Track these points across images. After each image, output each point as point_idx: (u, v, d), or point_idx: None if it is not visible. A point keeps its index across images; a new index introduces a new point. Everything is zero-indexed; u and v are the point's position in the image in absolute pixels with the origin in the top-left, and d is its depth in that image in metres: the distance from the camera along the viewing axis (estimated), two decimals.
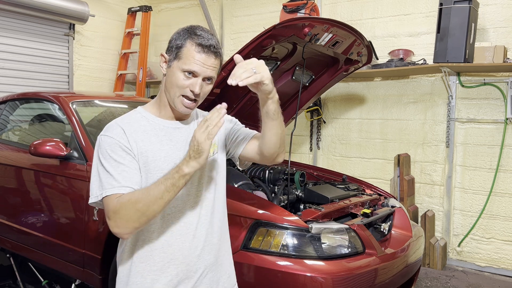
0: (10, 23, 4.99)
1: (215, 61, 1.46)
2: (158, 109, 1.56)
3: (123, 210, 1.35)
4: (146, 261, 1.48)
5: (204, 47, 1.43)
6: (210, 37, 1.46)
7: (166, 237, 1.49)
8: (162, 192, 1.33)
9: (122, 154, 1.42)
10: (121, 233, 1.39)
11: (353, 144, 4.85)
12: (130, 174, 1.41)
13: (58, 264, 2.90)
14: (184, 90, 1.46)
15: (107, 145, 1.43)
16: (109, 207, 1.37)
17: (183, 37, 1.46)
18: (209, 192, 1.57)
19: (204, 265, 1.55)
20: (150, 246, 1.48)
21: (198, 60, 1.43)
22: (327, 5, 4.95)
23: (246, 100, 3.15)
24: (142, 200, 1.34)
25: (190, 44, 1.44)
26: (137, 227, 1.38)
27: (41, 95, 3.38)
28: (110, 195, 1.37)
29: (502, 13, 4.03)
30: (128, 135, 1.45)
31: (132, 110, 1.59)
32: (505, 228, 4.08)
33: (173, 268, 1.49)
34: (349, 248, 2.27)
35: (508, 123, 4.00)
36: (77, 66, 5.70)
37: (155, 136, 1.49)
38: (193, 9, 6.04)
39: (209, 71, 1.46)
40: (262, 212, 2.25)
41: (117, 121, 1.52)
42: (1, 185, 3.34)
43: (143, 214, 1.35)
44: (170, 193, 1.34)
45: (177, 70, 1.45)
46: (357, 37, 2.85)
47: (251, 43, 2.43)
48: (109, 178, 1.39)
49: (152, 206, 1.34)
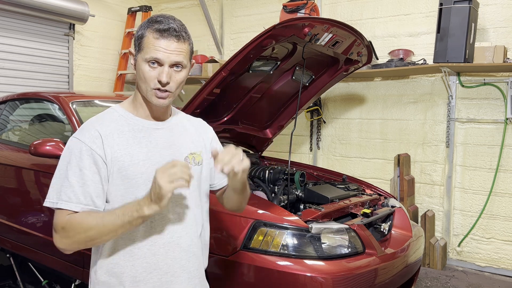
0: (10, 23, 4.98)
1: (178, 44, 1.35)
2: (134, 108, 1.47)
3: (72, 231, 1.30)
4: (128, 271, 1.40)
5: (163, 32, 1.34)
6: (171, 21, 1.36)
7: (149, 246, 1.40)
8: (117, 227, 1.28)
9: (89, 162, 1.34)
10: (63, 250, 1.35)
11: (353, 144, 4.85)
12: (92, 188, 1.33)
13: (58, 264, 2.90)
14: (154, 83, 1.36)
15: (77, 151, 1.35)
16: (58, 221, 1.32)
17: (143, 27, 1.38)
18: (195, 202, 1.50)
19: (188, 276, 1.47)
20: (131, 256, 1.40)
21: (158, 46, 1.33)
22: (327, 5, 4.96)
23: (246, 100, 3.15)
24: (95, 228, 1.28)
25: (149, 32, 1.35)
26: (81, 248, 1.34)
27: (41, 95, 3.37)
28: (64, 209, 1.32)
29: (502, 13, 4.03)
30: (104, 139, 1.37)
31: (109, 108, 1.49)
32: (505, 228, 4.08)
33: (157, 279, 1.42)
34: (349, 248, 2.27)
35: (508, 123, 3.99)
36: (77, 66, 5.70)
37: (132, 138, 1.40)
38: (193, 9, 6.04)
39: (174, 55, 1.34)
40: (262, 212, 2.25)
41: (93, 121, 1.43)
42: (1, 185, 3.34)
43: (91, 241, 1.31)
44: (125, 229, 1.29)
45: (142, 62, 1.36)
46: (357, 37, 2.85)
47: (251, 43, 2.43)
48: (68, 189, 1.32)
49: (103, 236, 1.30)
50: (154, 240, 1.41)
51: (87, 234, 1.29)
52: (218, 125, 3.15)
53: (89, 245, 1.35)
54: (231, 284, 2.23)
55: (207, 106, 2.77)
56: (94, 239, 1.30)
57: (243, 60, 2.52)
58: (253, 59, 2.63)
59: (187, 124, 1.59)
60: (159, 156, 1.41)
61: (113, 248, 1.40)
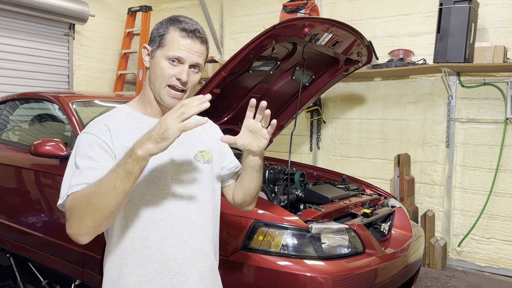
0: (10, 23, 4.99)
1: (201, 46, 1.38)
2: (142, 106, 1.45)
3: (77, 207, 1.20)
4: (137, 271, 1.37)
5: (188, 32, 1.35)
6: (195, 23, 1.39)
7: (160, 246, 1.37)
8: (114, 181, 1.15)
9: (100, 152, 1.30)
10: (75, 235, 1.22)
11: (353, 144, 4.85)
12: (104, 173, 1.22)
13: (58, 264, 2.90)
14: (170, 80, 1.35)
15: (86, 142, 1.31)
16: (66, 206, 1.23)
17: (165, 25, 1.38)
18: (205, 200, 1.47)
19: (199, 277, 1.44)
20: (141, 256, 1.36)
21: (183, 45, 1.34)
22: (327, 5, 4.96)
23: (246, 100, 3.15)
24: (94, 192, 1.18)
25: (173, 30, 1.36)
26: (91, 227, 1.20)
27: (41, 95, 3.37)
28: (72, 192, 1.23)
29: (502, 13, 4.03)
30: (112, 132, 1.34)
31: (115, 108, 1.47)
32: (505, 228, 4.08)
33: (167, 279, 1.38)
34: (349, 248, 2.27)
35: (508, 123, 3.99)
36: (77, 66, 5.70)
37: (141, 135, 1.35)
38: (193, 9, 6.04)
39: (196, 57, 1.36)
40: (262, 212, 2.25)
41: (100, 118, 1.41)
42: (1, 185, 3.34)
43: (95, 209, 1.18)
44: (124, 182, 1.16)
45: (162, 59, 1.35)
46: (357, 37, 2.85)
47: (251, 43, 2.43)
48: (78, 176, 1.24)
49: (104, 198, 1.16)
50: (164, 240, 1.38)
51: (88, 200, 1.18)
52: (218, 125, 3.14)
53: (98, 220, 1.20)
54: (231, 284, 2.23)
55: None
56: (96, 206, 1.17)
57: (243, 60, 2.53)
58: (253, 59, 2.63)
59: None
60: (168, 154, 1.37)
61: (122, 248, 1.38)
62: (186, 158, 1.45)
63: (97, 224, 1.21)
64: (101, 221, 1.21)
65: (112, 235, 1.40)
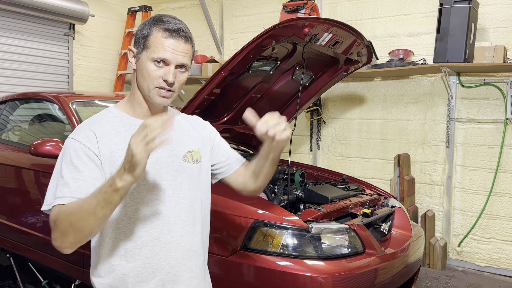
0: (10, 23, 4.99)
1: (185, 46, 1.36)
2: (131, 107, 1.45)
3: (59, 222, 1.24)
4: (129, 272, 1.38)
5: (172, 32, 1.34)
6: (178, 21, 1.37)
7: (151, 246, 1.39)
8: (94, 208, 1.18)
9: (85, 160, 1.31)
10: (59, 247, 1.27)
11: (353, 144, 4.85)
12: (88, 184, 1.27)
13: (58, 264, 2.90)
14: (158, 81, 1.34)
15: (72, 150, 1.33)
16: (51, 217, 1.26)
17: (148, 26, 1.36)
18: (194, 199, 1.49)
19: (190, 275, 1.47)
20: (132, 256, 1.38)
21: (167, 46, 1.33)
22: (327, 5, 4.96)
23: (246, 100, 3.15)
24: (75, 213, 1.21)
25: (156, 30, 1.34)
26: (73, 242, 1.25)
27: (41, 95, 3.37)
28: (58, 204, 1.26)
29: (502, 13, 4.03)
30: (99, 138, 1.35)
31: (103, 110, 1.47)
32: (505, 228, 4.08)
33: (159, 279, 1.40)
34: (349, 248, 2.27)
35: (508, 123, 4.00)
36: (77, 66, 5.70)
37: (129, 138, 1.34)
38: (193, 9, 6.04)
39: (181, 57, 1.35)
40: (262, 212, 2.25)
41: (87, 122, 1.41)
42: (1, 185, 3.34)
43: (76, 229, 1.22)
44: (104, 209, 1.18)
45: (147, 61, 1.34)
46: (357, 37, 2.85)
47: (251, 43, 2.43)
48: (63, 187, 1.28)
49: (84, 221, 1.20)
50: (155, 240, 1.39)
51: (69, 220, 1.21)
52: (218, 125, 3.15)
53: (80, 238, 1.24)
54: (231, 284, 2.23)
55: (207, 106, 2.77)
56: (77, 227, 1.21)
57: (243, 60, 2.52)
58: (253, 59, 2.63)
59: (184, 122, 1.58)
60: (156, 155, 1.39)
61: (113, 250, 1.39)
62: (175, 159, 1.46)
63: (78, 241, 1.26)
64: (82, 238, 1.26)
65: (103, 237, 1.40)
